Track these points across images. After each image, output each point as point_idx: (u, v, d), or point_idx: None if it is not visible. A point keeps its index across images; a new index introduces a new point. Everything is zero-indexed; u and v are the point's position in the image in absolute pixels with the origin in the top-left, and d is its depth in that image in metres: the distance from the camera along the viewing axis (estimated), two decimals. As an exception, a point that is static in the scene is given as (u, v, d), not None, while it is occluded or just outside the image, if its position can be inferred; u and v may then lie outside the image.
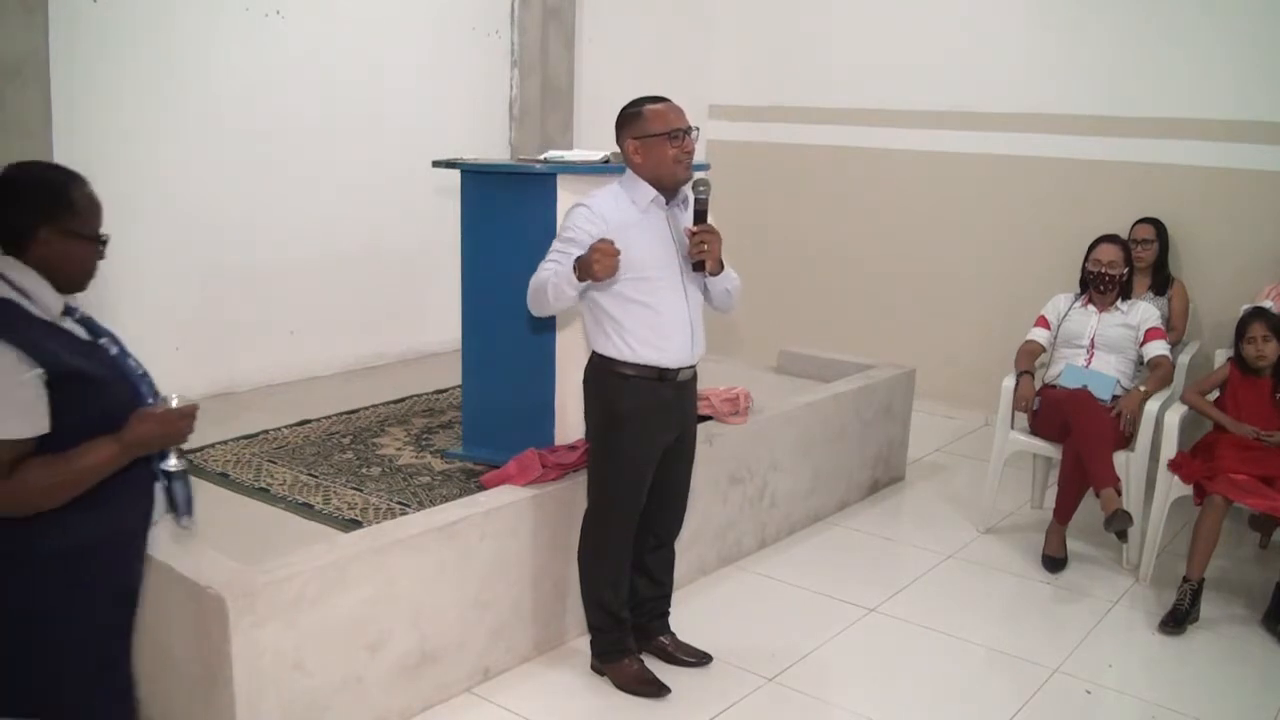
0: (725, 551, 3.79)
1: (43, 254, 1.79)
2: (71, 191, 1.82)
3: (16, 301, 1.75)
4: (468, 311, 3.63)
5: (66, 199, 1.81)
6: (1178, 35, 5.04)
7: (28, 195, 1.79)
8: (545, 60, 5.49)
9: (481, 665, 2.96)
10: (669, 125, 2.70)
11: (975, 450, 5.15)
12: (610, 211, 2.71)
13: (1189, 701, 3.04)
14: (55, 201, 1.80)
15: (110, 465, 1.78)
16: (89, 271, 1.86)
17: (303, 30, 4.53)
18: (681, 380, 2.83)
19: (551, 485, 3.09)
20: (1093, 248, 4.18)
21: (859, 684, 3.08)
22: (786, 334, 5.87)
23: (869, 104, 6.02)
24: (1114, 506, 3.55)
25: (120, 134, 4.01)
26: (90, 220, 1.84)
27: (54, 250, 1.79)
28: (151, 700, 2.65)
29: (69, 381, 1.74)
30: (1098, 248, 4.15)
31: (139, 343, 4.43)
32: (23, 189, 1.80)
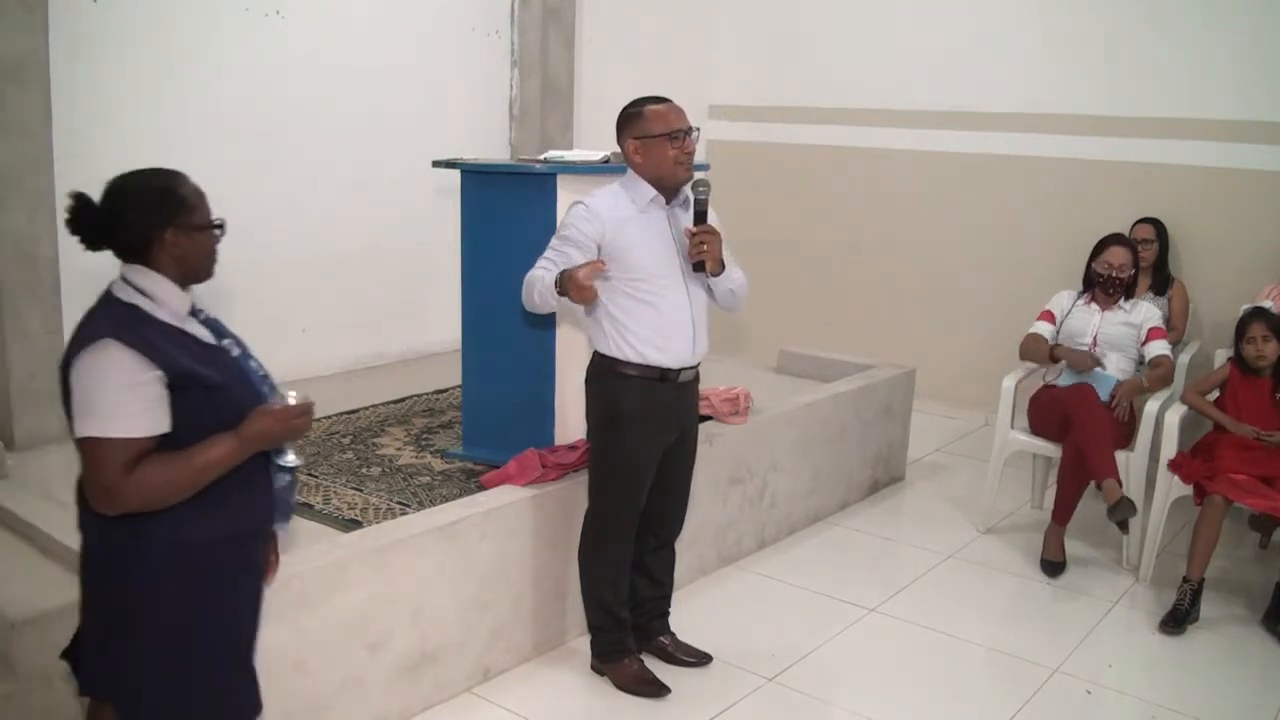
0: (725, 551, 3.79)
1: (169, 254, 1.88)
2: (180, 189, 1.91)
3: (140, 305, 1.85)
4: (468, 311, 3.63)
5: (178, 198, 1.90)
6: (1178, 35, 5.04)
7: (143, 204, 1.87)
8: (545, 60, 5.50)
9: (481, 665, 2.96)
10: (670, 126, 2.70)
11: (975, 450, 5.15)
12: (607, 210, 2.71)
13: (1189, 701, 3.04)
14: (169, 203, 1.88)
15: (229, 461, 1.84)
16: (212, 259, 1.97)
17: (303, 30, 4.53)
18: (683, 381, 2.83)
19: (551, 485, 3.09)
20: (1101, 249, 4.14)
21: (859, 684, 3.08)
22: (786, 334, 5.86)
23: (869, 104, 6.02)
24: (1117, 495, 3.54)
25: (120, 134, 4.01)
26: (203, 211, 1.94)
27: (179, 248, 1.88)
28: (151, 700, 2.65)
29: (188, 383, 1.81)
30: (1108, 250, 4.12)
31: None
32: (136, 199, 1.87)
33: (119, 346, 1.76)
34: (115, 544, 1.83)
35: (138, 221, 1.86)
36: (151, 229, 1.86)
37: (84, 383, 1.77)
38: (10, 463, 3.49)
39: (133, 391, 1.77)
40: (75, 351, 1.79)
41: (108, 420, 1.75)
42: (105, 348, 1.76)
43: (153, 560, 1.83)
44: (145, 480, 1.77)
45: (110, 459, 1.75)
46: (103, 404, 1.75)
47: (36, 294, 3.67)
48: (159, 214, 1.87)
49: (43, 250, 3.67)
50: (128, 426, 1.76)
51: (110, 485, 1.75)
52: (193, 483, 1.81)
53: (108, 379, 1.76)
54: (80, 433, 1.77)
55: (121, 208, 1.87)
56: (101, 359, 1.76)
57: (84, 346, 1.78)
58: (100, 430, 1.75)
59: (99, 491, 1.77)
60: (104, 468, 1.75)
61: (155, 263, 1.88)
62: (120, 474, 1.75)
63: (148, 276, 1.88)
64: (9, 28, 3.48)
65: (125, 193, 1.88)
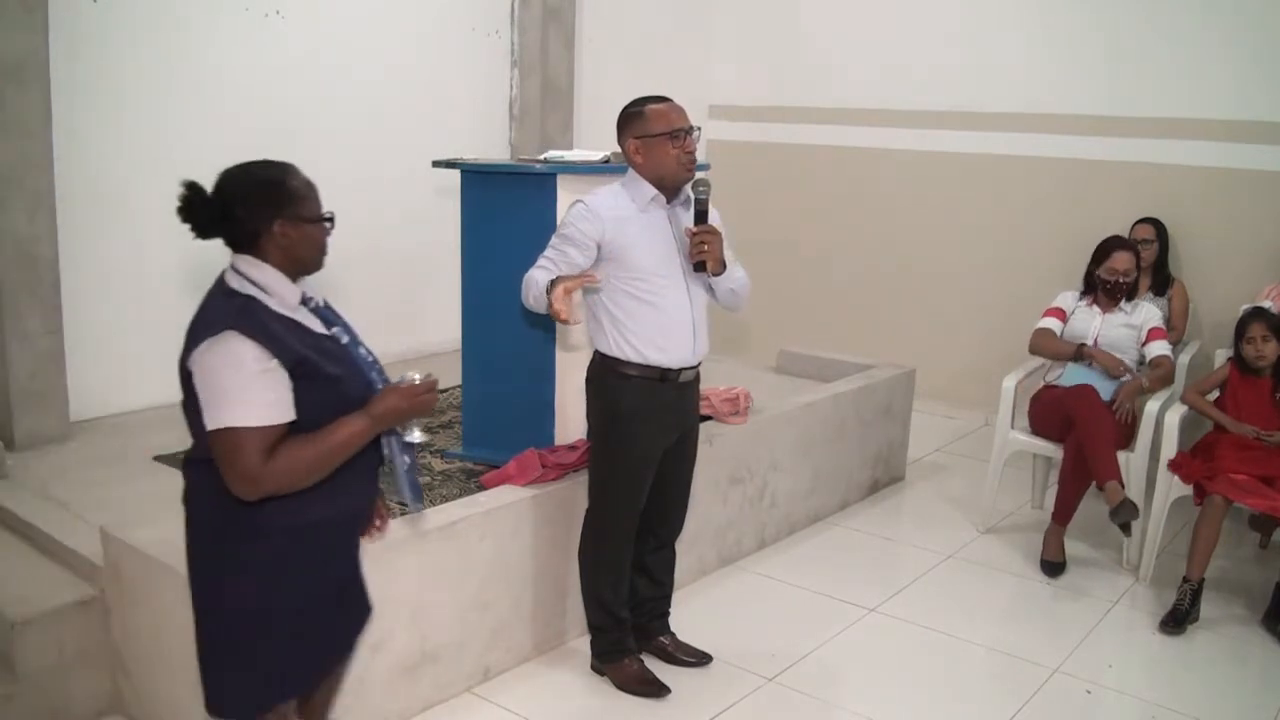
0: (725, 551, 3.79)
1: (277, 245, 1.90)
2: (290, 181, 1.95)
3: (255, 297, 1.87)
4: (468, 311, 3.63)
5: (288, 190, 1.93)
6: (1178, 35, 5.04)
7: (254, 196, 1.90)
8: (545, 60, 5.50)
9: (481, 665, 2.96)
10: (670, 125, 2.70)
11: (975, 450, 5.15)
12: (607, 209, 2.70)
13: (1189, 701, 3.04)
14: (279, 195, 1.92)
15: (360, 439, 1.91)
16: (323, 250, 1.99)
17: (303, 30, 4.53)
18: (684, 381, 2.83)
19: (551, 485, 3.09)
20: (1105, 255, 4.11)
21: (859, 684, 3.07)
22: (786, 334, 5.87)
23: (869, 104, 6.02)
24: (1120, 497, 3.54)
25: (120, 134, 4.01)
26: (313, 204, 1.97)
27: (287, 239, 1.91)
28: (152, 700, 2.65)
29: (304, 373, 1.85)
30: (1113, 256, 4.09)
31: (139, 342, 4.46)
32: (246, 190, 1.91)
33: (240, 337, 1.79)
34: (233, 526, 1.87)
35: (247, 213, 1.89)
36: (261, 221, 1.89)
37: (211, 375, 1.80)
38: (10, 463, 3.49)
39: (260, 380, 1.80)
40: (195, 344, 1.81)
41: (242, 409, 1.78)
42: (227, 339, 1.79)
43: (263, 538, 1.88)
44: (285, 464, 1.81)
45: (249, 447, 1.78)
46: (233, 394, 1.78)
47: (36, 294, 3.68)
48: (268, 206, 1.90)
49: (43, 250, 3.68)
50: (261, 415, 1.79)
51: (252, 472, 1.79)
52: (329, 463, 1.87)
53: (235, 369, 1.79)
54: (215, 424, 1.79)
55: (232, 199, 1.90)
56: (225, 350, 1.79)
57: (205, 339, 1.80)
58: (236, 420, 1.78)
59: (241, 479, 1.79)
60: (244, 457, 1.78)
61: (264, 253, 1.91)
62: (260, 461, 1.79)
63: (258, 267, 1.91)
64: (9, 28, 3.48)
65: (236, 184, 1.92)
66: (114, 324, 4.09)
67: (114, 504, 3.16)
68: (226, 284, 1.92)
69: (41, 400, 3.74)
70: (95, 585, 2.73)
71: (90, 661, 2.71)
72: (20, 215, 3.59)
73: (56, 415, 3.80)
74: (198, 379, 1.82)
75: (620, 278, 2.70)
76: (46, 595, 2.69)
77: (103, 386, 4.07)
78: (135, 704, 2.70)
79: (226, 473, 1.81)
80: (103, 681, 2.74)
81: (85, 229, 3.93)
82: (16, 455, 3.60)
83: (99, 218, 3.98)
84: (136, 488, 3.37)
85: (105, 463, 3.60)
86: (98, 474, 3.49)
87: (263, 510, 1.85)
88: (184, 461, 1.95)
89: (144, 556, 2.54)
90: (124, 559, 2.63)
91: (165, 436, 3.88)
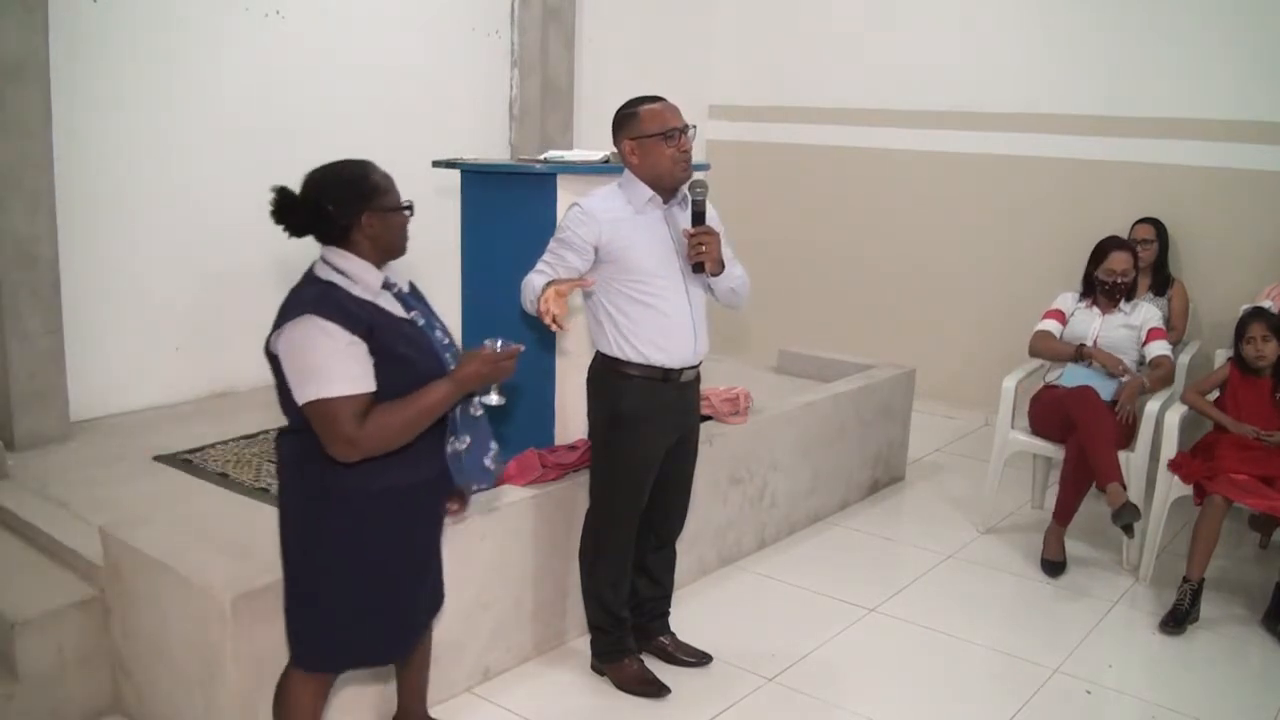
0: (725, 551, 3.79)
1: (367, 235, 2.10)
2: (372, 176, 2.13)
3: (337, 283, 2.07)
4: (468, 311, 3.63)
5: (371, 184, 2.12)
6: (1178, 35, 5.04)
7: (340, 193, 2.09)
8: (545, 60, 5.49)
9: (481, 665, 2.96)
10: (665, 125, 2.69)
11: (975, 450, 5.15)
12: (603, 212, 2.70)
13: (1189, 701, 3.04)
14: (365, 190, 2.10)
15: (446, 402, 2.11)
16: (404, 236, 2.20)
17: (302, 30, 4.53)
18: (684, 381, 2.83)
19: (551, 485, 3.09)
20: (1102, 256, 4.12)
21: (859, 684, 3.07)
22: (786, 334, 5.87)
23: (869, 104, 6.02)
24: (1122, 499, 3.54)
25: (120, 134, 4.01)
26: (393, 194, 2.16)
27: (374, 229, 2.10)
28: (151, 699, 2.65)
29: (376, 349, 2.03)
30: (1110, 257, 4.09)
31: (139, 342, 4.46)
32: (332, 189, 2.09)
33: (319, 319, 1.98)
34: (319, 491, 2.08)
35: (338, 209, 2.07)
36: (350, 215, 2.08)
37: (296, 354, 2.00)
38: (10, 463, 3.49)
39: (343, 354, 1.99)
40: (279, 330, 2.02)
41: (329, 382, 1.97)
42: (306, 321, 1.99)
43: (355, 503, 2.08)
44: (377, 427, 2.00)
45: (342, 414, 1.97)
46: (319, 369, 1.98)
47: (36, 294, 3.68)
48: (355, 201, 2.08)
49: (43, 250, 3.68)
50: (347, 386, 1.98)
51: (350, 436, 1.98)
52: (419, 424, 2.07)
53: (317, 346, 1.98)
54: (306, 398, 1.98)
55: (321, 198, 2.08)
56: (306, 331, 1.98)
57: (286, 324, 2.00)
58: (326, 391, 1.97)
59: (340, 443, 1.99)
60: (340, 423, 1.98)
61: (353, 245, 2.10)
62: (356, 425, 1.98)
63: (343, 257, 2.10)
64: (9, 28, 3.48)
65: (323, 184, 2.10)
66: (114, 324, 4.09)
67: (114, 504, 3.16)
68: (313, 274, 2.11)
69: (41, 400, 3.74)
70: (95, 585, 2.73)
71: (90, 661, 2.71)
72: (20, 215, 3.59)
73: (56, 415, 3.80)
74: (284, 361, 2.01)
75: (619, 279, 2.70)
76: (46, 595, 2.69)
77: (103, 386, 4.07)
78: (135, 704, 2.70)
79: (326, 439, 2.00)
80: (103, 681, 2.74)
81: (85, 229, 3.93)
82: (16, 455, 3.60)
83: (99, 218, 3.98)
84: (136, 488, 3.37)
85: (105, 463, 3.60)
86: (98, 474, 3.49)
87: (348, 475, 2.04)
88: (277, 434, 2.18)
89: (144, 556, 2.54)
90: (124, 559, 2.62)
91: (165, 436, 3.89)
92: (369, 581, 2.15)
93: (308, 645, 2.19)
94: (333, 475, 2.06)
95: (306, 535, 2.13)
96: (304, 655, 2.20)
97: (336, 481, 2.06)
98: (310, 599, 2.15)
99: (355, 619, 2.16)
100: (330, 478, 2.06)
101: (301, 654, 2.20)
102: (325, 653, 2.20)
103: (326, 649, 2.19)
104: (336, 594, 2.13)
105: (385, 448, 2.04)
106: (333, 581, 2.13)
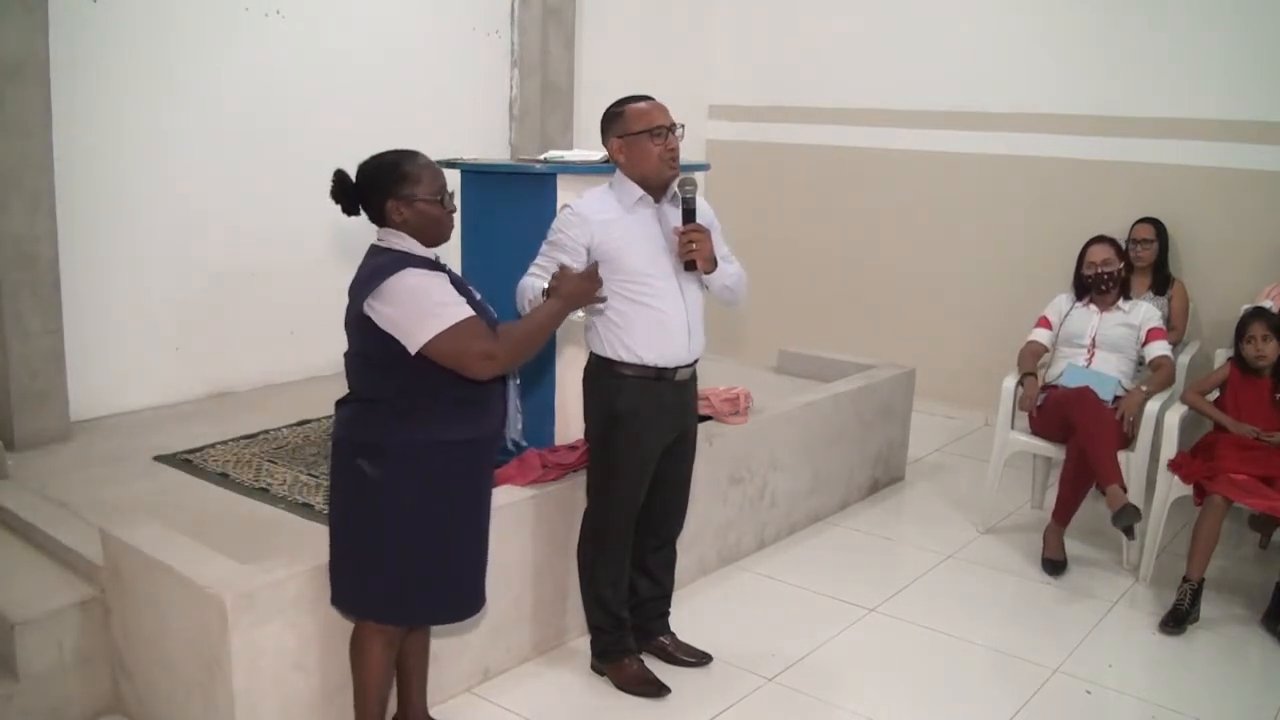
0: (725, 551, 3.79)
1: (400, 220, 2.25)
2: (405, 166, 2.26)
3: (405, 249, 2.25)
4: (468, 311, 3.63)
5: (401, 173, 2.25)
6: (1178, 35, 5.04)
7: (375, 178, 2.26)
8: (545, 60, 5.49)
9: (481, 665, 2.96)
10: (651, 123, 2.69)
11: (975, 450, 5.15)
12: (594, 213, 2.71)
13: (1189, 701, 3.04)
14: (393, 178, 2.24)
15: (559, 318, 2.37)
16: (439, 226, 2.30)
17: (302, 30, 4.53)
18: (680, 380, 2.83)
19: (551, 485, 3.09)
20: (1083, 253, 4.20)
21: (859, 684, 3.07)
22: (786, 334, 5.86)
23: (869, 104, 6.02)
24: (1122, 501, 3.54)
25: (120, 134, 4.01)
26: (427, 185, 2.26)
27: (402, 215, 2.25)
28: (152, 700, 2.65)
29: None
30: (1089, 250, 4.18)
31: (139, 342, 4.45)
32: (371, 174, 2.27)
33: (415, 270, 2.17)
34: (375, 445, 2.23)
35: (372, 194, 2.25)
36: (380, 199, 2.25)
37: (409, 301, 2.15)
38: (10, 463, 3.49)
39: (442, 290, 2.18)
40: (370, 290, 2.16)
41: (446, 314, 2.15)
42: (409, 273, 2.16)
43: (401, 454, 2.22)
44: (507, 341, 2.22)
45: (475, 332, 2.17)
46: (437, 307, 2.15)
47: (36, 294, 3.68)
48: (385, 187, 2.24)
49: (43, 250, 3.68)
50: (463, 311, 2.17)
51: (488, 350, 2.17)
52: (539, 340, 2.32)
53: (429, 288, 2.16)
54: (432, 333, 2.14)
55: (362, 182, 2.26)
56: (407, 281, 2.15)
57: (382, 282, 2.15)
58: (451, 320, 2.15)
59: (480, 360, 2.18)
60: (475, 340, 2.17)
61: (395, 226, 2.26)
62: (490, 339, 2.19)
63: (397, 236, 2.26)
64: (9, 28, 3.48)
65: (364, 170, 2.28)
66: (114, 324, 4.09)
67: (114, 504, 3.16)
68: (379, 247, 2.27)
69: (41, 400, 3.74)
70: (95, 585, 2.73)
71: (90, 661, 2.70)
72: (20, 215, 3.59)
73: (56, 415, 3.80)
74: (389, 315, 2.16)
75: (612, 279, 2.70)
76: (46, 595, 2.69)
77: (103, 386, 4.07)
78: (135, 704, 2.70)
79: (464, 362, 2.17)
80: (103, 681, 2.74)
81: (85, 229, 3.93)
82: (16, 455, 3.60)
83: (99, 218, 3.98)
84: (136, 488, 3.37)
85: (105, 463, 3.60)
86: (98, 474, 3.49)
87: (411, 430, 2.20)
88: (336, 404, 2.32)
89: (144, 556, 2.53)
90: (124, 559, 2.62)
91: (165, 436, 3.89)
92: (430, 537, 2.27)
93: (369, 598, 2.32)
94: (396, 430, 2.21)
95: (355, 490, 2.26)
96: (366, 607, 2.33)
97: (397, 437, 2.21)
98: (372, 553, 2.27)
99: (416, 573, 2.28)
100: (392, 433, 2.21)
101: (364, 606, 2.34)
102: (386, 606, 2.32)
103: (391, 602, 2.31)
104: (399, 549, 2.26)
105: (516, 360, 2.24)
106: (394, 536, 2.25)
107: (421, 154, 2.31)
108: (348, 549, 2.32)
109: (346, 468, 2.28)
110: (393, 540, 2.27)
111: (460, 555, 2.36)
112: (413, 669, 2.57)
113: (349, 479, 2.28)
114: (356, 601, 2.35)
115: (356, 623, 2.41)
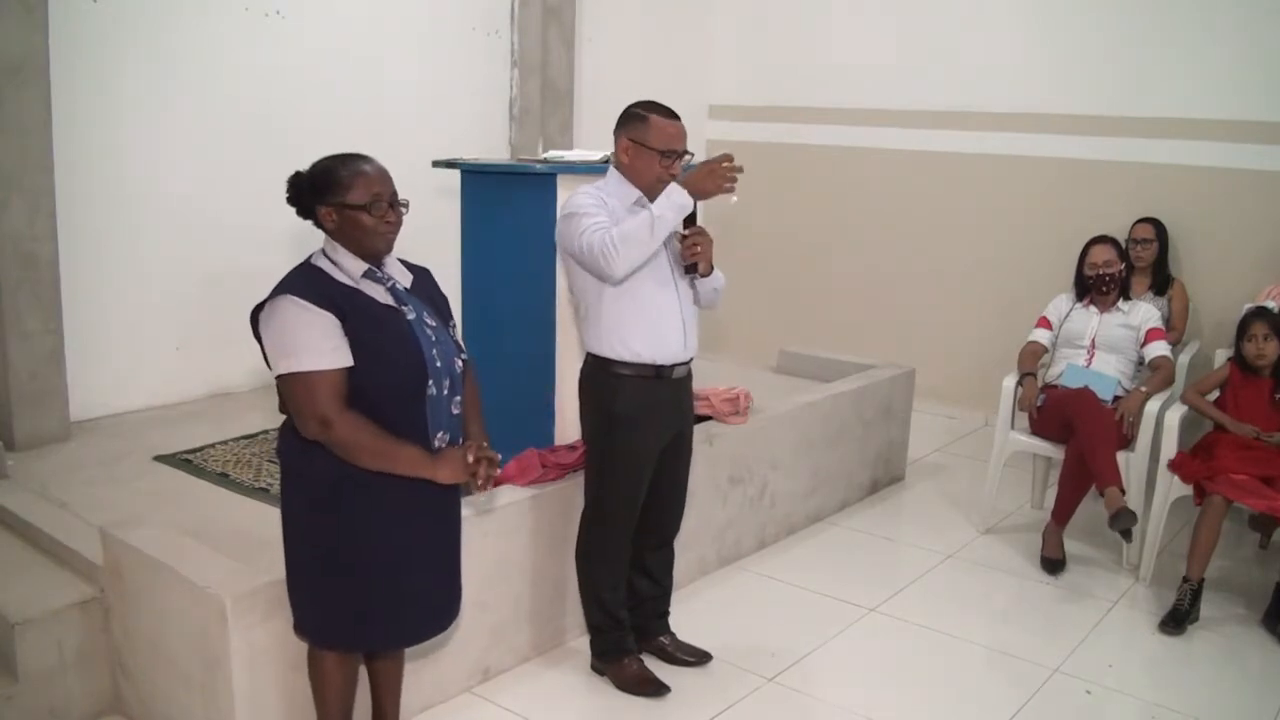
0: (725, 551, 3.79)
1: (331, 227, 2.15)
2: (339, 171, 2.14)
3: (322, 267, 2.14)
4: (467, 311, 3.62)
5: (333, 178, 2.13)
6: (1178, 35, 5.04)
7: (311, 182, 2.15)
8: (545, 60, 5.50)
9: (481, 665, 2.96)
10: (668, 144, 2.72)
11: (975, 450, 5.15)
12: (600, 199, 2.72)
13: (1189, 701, 3.04)
14: (324, 182, 2.14)
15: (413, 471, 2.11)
16: (372, 235, 2.15)
17: (302, 30, 4.53)
18: (677, 378, 2.83)
19: (551, 485, 3.09)
20: (1085, 253, 4.21)
21: (859, 684, 3.07)
22: (786, 334, 5.87)
23: (869, 104, 6.02)
24: (1119, 504, 3.54)
25: (120, 134, 4.01)
26: (359, 191, 2.13)
27: (331, 222, 2.14)
28: (152, 700, 2.65)
29: (350, 333, 2.07)
30: (1090, 250, 4.19)
31: (139, 342, 4.45)
32: (308, 179, 2.16)
33: (292, 299, 2.05)
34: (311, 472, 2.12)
35: (306, 198, 2.16)
36: (310, 204, 2.16)
37: (270, 332, 2.06)
38: (10, 463, 3.49)
39: (310, 330, 2.03)
40: (259, 309, 2.10)
41: (301, 360, 2.02)
42: (280, 302, 2.06)
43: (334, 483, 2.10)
44: (355, 428, 2.03)
45: (314, 389, 2.02)
46: (298, 344, 2.03)
47: (36, 294, 3.68)
48: (314, 192, 2.14)
49: (43, 250, 3.68)
50: (324, 360, 2.03)
51: (324, 414, 2.02)
52: (378, 462, 2.07)
53: (291, 326, 2.03)
54: (281, 370, 2.05)
55: (303, 185, 2.16)
56: (279, 310, 2.05)
57: (267, 299, 2.09)
58: (302, 365, 2.02)
59: (313, 420, 2.03)
60: (316, 398, 2.02)
61: (329, 233, 2.16)
62: (333, 403, 2.03)
63: (330, 245, 2.17)
64: (9, 28, 3.48)
65: (307, 173, 2.17)
66: (114, 324, 4.09)
67: (114, 504, 3.16)
68: (307, 259, 2.18)
69: (41, 400, 3.74)
70: (95, 585, 2.73)
71: (90, 662, 2.71)
72: (20, 215, 3.60)
73: (56, 415, 3.80)
74: (264, 339, 2.08)
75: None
76: (46, 595, 2.69)
77: (103, 386, 4.07)
78: (135, 704, 2.70)
79: (298, 415, 2.05)
80: (103, 681, 2.74)
81: (85, 229, 3.93)
82: (16, 455, 3.60)
83: (99, 218, 3.98)
84: (136, 488, 3.38)
85: (105, 463, 3.60)
86: (98, 474, 3.49)
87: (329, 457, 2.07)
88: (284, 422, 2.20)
89: (144, 556, 2.54)
90: (124, 559, 2.62)
91: (165, 436, 3.89)
92: (366, 565, 2.17)
93: (312, 623, 2.24)
94: (303, 450, 2.10)
95: (300, 514, 2.18)
96: (310, 632, 2.26)
97: (337, 465, 2.09)
98: (311, 580, 2.20)
99: (354, 601, 2.18)
100: (299, 454, 2.12)
101: (307, 631, 2.27)
102: (328, 631, 2.24)
103: (329, 628, 2.23)
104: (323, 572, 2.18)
105: (348, 452, 2.05)
106: (330, 563, 2.16)
107: (367, 159, 2.19)
108: (288, 569, 2.25)
109: (286, 490, 2.22)
110: (315, 567, 2.18)
111: (391, 581, 2.19)
112: (381, 685, 2.47)
113: (282, 497, 2.23)
114: (300, 622, 2.27)
115: None
